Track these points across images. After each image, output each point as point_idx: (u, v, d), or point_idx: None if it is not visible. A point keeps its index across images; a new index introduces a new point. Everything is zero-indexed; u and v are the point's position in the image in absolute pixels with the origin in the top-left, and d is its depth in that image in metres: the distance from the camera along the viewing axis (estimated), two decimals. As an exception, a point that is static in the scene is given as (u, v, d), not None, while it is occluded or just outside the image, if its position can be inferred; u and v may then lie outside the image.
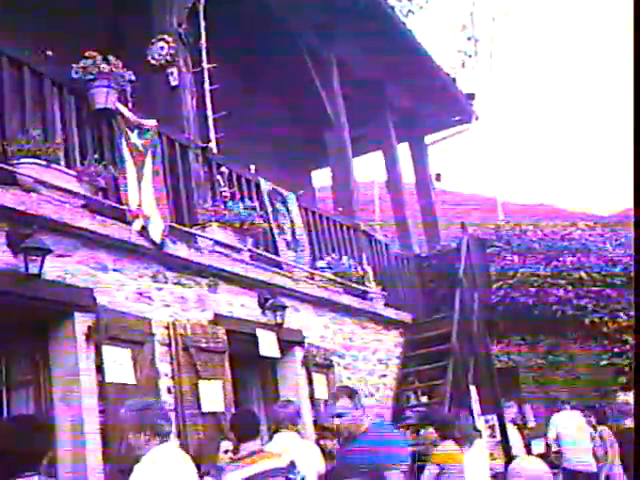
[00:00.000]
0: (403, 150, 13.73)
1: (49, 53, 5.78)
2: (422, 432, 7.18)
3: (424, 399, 10.24)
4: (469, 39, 24.09)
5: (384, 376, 9.90)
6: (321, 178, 15.47)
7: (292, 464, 5.09)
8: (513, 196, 22.79)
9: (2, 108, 5.34)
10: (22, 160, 5.11)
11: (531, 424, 11.76)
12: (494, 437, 9.52)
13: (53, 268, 5.15)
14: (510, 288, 11.05)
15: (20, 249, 4.86)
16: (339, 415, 4.66)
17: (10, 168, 5.05)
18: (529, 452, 9.91)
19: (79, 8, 8.30)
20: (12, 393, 5.36)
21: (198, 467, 5.38)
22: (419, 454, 7.41)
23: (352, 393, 4.84)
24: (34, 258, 4.87)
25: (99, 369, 5.37)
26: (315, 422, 7.82)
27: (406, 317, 10.69)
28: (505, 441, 9.45)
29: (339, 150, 10.75)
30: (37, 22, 7.78)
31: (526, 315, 11.13)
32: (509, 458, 8.73)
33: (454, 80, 13.61)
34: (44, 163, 5.20)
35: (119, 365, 5.51)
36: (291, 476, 5.06)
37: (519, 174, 48.03)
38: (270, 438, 6.16)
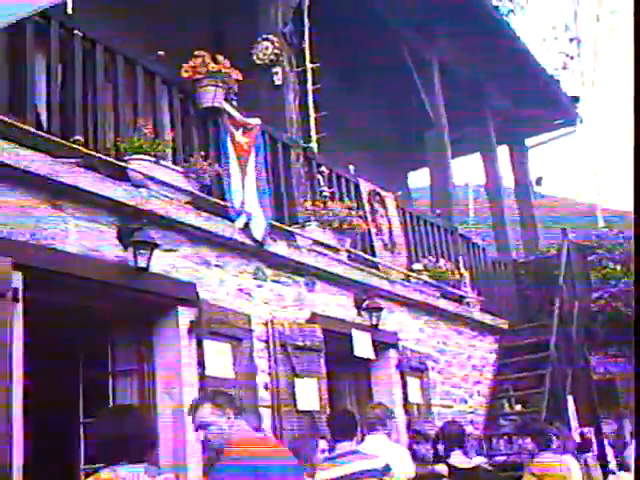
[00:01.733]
0: (503, 153, 13.49)
1: (160, 53, 5.93)
2: (520, 442, 7.01)
3: (518, 408, 10.04)
4: (571, 40, 23.45)
5: (478, 383, 9.75)
6: (416, 179, 15.39)
7: (387, 466, 5.07)
8: (614, 202, 22.09)
9: (116, 105, 5.52)
10: (133, 156, 5.27)
11: (628, 439, 11.36)
12: (591, 451, 9.25)
13: (159, 262, 5.28)
14: (611, 297, 10.70)
15: (129, 243, 5.00)
16: (202, 426, 3.81)
17: (122, 164, 5.21)
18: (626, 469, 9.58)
19: (187, 10, 8.50)
20: (117, 382, 5.53)
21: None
22: (515, 464, 7.28)
23: (215, 397, 3.95)
24: (142, 252, 5.01)
25: (200, 362, 5.48)
26: (408, 426, 7.78)
27: (502, 323, 10.50)
28: (602, 455, 9.17)
29: (439, 151, 10.65)
30: (148, 24, 8.01)
31: (627, 326, 10.74)
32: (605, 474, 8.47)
33: (557, 82, 13.28)
34: (153, 160, 5.35)
35: (219, 359, 5.61)
36: (386, 478, 5.04)
37: (621, 179, 46.49)
38: (362, 439, 6.16)
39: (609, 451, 9.43)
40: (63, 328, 5.62)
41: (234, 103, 6.60)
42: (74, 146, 4.87)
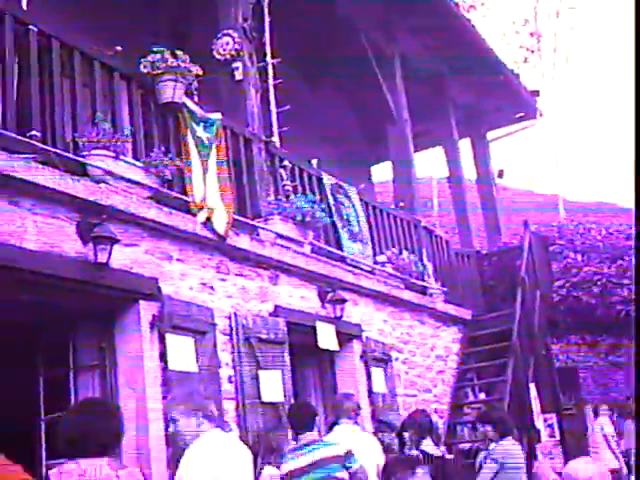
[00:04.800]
0: (465, 146, 13.62)
1: (118, 48, 5.92)
2: (480, 429, 7.12)
3: (482, 396, 10.19)
4: (532, 35, 23.73)
5: (442, 372, 9.87)
6: (379, 172, 15.48)
7: (349, 453, 5.14)
8: (575, 194, 22.40)
9: (74, 101, 5.49)
10: (92, 152, 5.26)
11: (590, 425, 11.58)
12: (553, 437, 9.42)
13: (120, 257, 5.29)
14: (572, 287, 10.88)
15: (89, 238, 5.00)
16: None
17: (81, 159, 5.20)
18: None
19: (146, 5, 8.47)
20: (79, 377, 5.52)
21: (257, 456, 5.50)
22: (477, 451, 7.39)
23: None
24: (103, 247, 5.01)
25: (162, 357, 5.49)
26: (373, 416, 7.86)
27: (466, 314, 10.63)
28: (563, 440, 9.35)
29: (401, 145, 10.74)
30: (106, 19, 7.96)
31: (588, 315, 10.95)
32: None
33: (518, 76, 13.43)
34: (113, 155, 5.34)
35: (182, 353, 5.63)
36: (348, 464, 5.12)
37: (581, 172, 47.12)
38: (329, 429, 6.22)
39: None
40: (23, 324, 5.59)
41: (195, 98, 6.61)
42: (31, 142, 4.85)
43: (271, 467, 5.48)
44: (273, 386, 6.44)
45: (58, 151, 5.05)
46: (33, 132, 4.93)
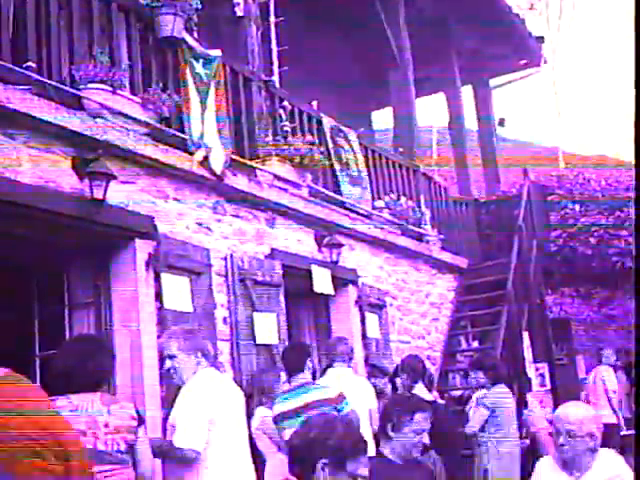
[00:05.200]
0: (467, 93, 13.44)
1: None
2: (472, 375, 7.16)
3: (475, 344, 10.24)
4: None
5: (436, 320, 9.89)
6: (379, 120, 15.30)
7: (341, 396, 5.15)
8: (575, 146, 22.23)
9: (71, 34, 5.35)
10: (89, 85, 5.14)
11: (581, 375, 11.69)
12: (544, 386, 9.49)
13: (116, 194, 5.21)
14: (569, 237, 10.84)
15: (85, 173, 4.92)
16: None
17: (77, 92, 5.09)
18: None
19: None
20: (74, 314, 5.50)
21: (250, 397, 5.52)
22: (469, 398, 7.44)
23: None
24: (98, 183, 4.93)
25: (158, 296, 5.46)
26: (366, 361, 7.89)
27: (462, 262, 10.61)
28: (554, 389, 9.42)
29: (402, 89, 10.56)
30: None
31: (584, 266, 10.93)
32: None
33: (523, 21, 13.17)
34: (110, 89, 5.22)
35: (177, 293, 5.60)
36: (339, 407, 5.12)
37: (583, 123, 46.80)
38: (323, 372, 6.24)
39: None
40: (17, 261, 5.55)
41: (194, 34, 6.46)
42: (27, 73, 4.73)
43: (264, 408, 5.51)
44: (267, 328, 6.44)
45: (54, 83, 4.93)
46: (29, 63, 4.81)
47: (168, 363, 4.22)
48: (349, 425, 3.15)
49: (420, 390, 6.43)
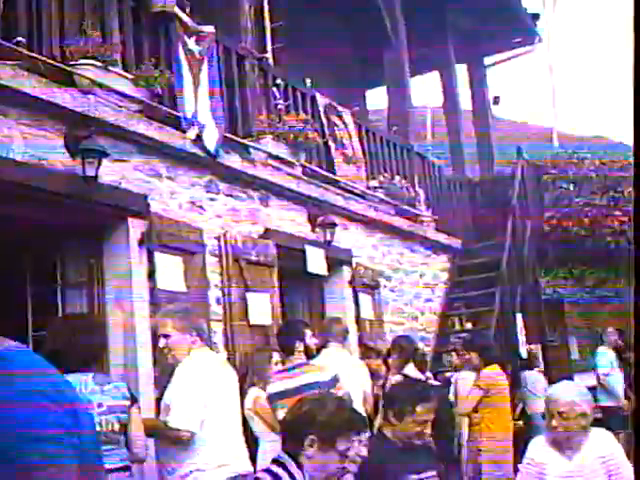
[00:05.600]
0: (461, 72, 13.34)
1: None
2: (465, 357, 7.15)
3: (469, 325, 10.23)
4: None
5: (430, 300, 9.88)
6: (373, 100, 15.19)
7: (335, 377, 5.12)
8: (571, 126, 22.17)
9: (62, 9, 5.25)
10: (80, 61, 5.05)
11: (574, 356, 11.72)
12: (537, 367, 9.50)
13: (109, 172, 5.14)
14: (563, 217, 10.82)
15: (77, 151, 4.84)
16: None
17: (68, 69, 5.00)
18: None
19: None
20: (66, 294, 5.44)
21: (244, 377, 5.48)
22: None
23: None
24: (91, 160, 4.85)
25: (151, 275, 5.41)
26: (360, 342, 7.87)
27: (456, 242, 10.58)
28: (547, 370, 9.43)
29: (396, 68, 10.48)
30: None
31: (578, 246, 10.93)
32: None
33: (518, -1, 13.07)
34: (102, 65, 5.14)
35: (170, 272, 5.55)
36: (333, 390, 5.09)
37: (578, 103, 46.70)
38: (317, 353, 6.21)
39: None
40: (10, 241, 5.47)
41: (187, 10, 6.36)
42: (17, 48, 4.64)
43: (256, 389, 5.47)
44: (261, 309, 6.40)
45: (45, 59, 4.84)
46: (19, 38, 4.72)
47: (162, 342, 4.19)
48: (341, 403, 3.14)
49: (410, 370, 6.43)
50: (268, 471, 2.80)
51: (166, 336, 4.18)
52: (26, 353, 1.26)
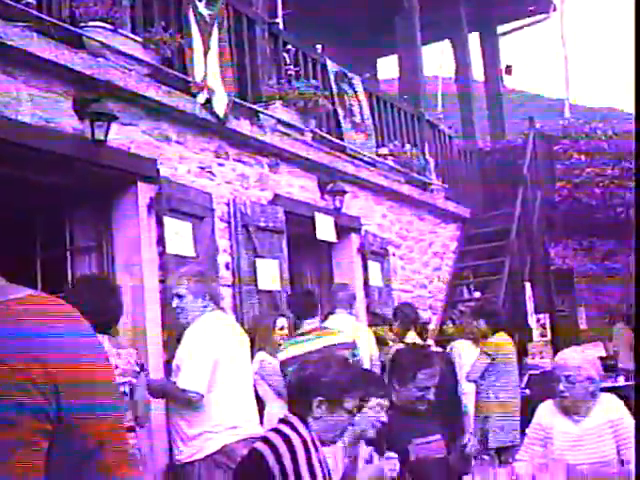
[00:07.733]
0: (473, 40, 13.17)
1: None
2: (473, 323, 7.14)
3: (477, 294, 10.23)
4: None
5: (438, 269, 9.87)
6: (385, 69, 15.07)
7: (354, 343, 5.14)
8: (583, 97, 21.93)
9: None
10: (89, 23, 5.02)
11: (582, 326, 11.70)
12: (545, 337, 9.51)
13: (118, 136, 5.12)
14: (574, 187, 10.75)
15: (86, 114, 4.82)
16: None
17: (78, 30, 4.97)
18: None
19: None
20: (75, 258, 5.46)
21: (252, 342, 5.50)
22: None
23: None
24: (100, 124, 4.83)
25: (160, 240, 5.41)
26: (368, 309, 7.88)
27: (465, 211, 10.55)
28: (554, 340, 9.43)
29: (408, 35, 10.36)
30: None
31: (588, 216, 10.87)
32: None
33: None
34: (111, 27, 5.10)
35: (180, 237, 5.55)
36: (355, 351, 5.12)
37: (591, 74, 46.20)
38: (325, 319, 6.22)
39: None
40: (19, 205, 5.48)
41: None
42: (26, 9, 4.60)
43: (263, 353, 5.49)
44: (270, 274, 6.41)
45: (54, 20, 4.81)
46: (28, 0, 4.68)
47: (176, 301, 4.20)
48: (345, 363, 3.16)
49: (412, 337, 6.44)
50: (276, 430, 2.81)
51: (180, 296, 4.19)
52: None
